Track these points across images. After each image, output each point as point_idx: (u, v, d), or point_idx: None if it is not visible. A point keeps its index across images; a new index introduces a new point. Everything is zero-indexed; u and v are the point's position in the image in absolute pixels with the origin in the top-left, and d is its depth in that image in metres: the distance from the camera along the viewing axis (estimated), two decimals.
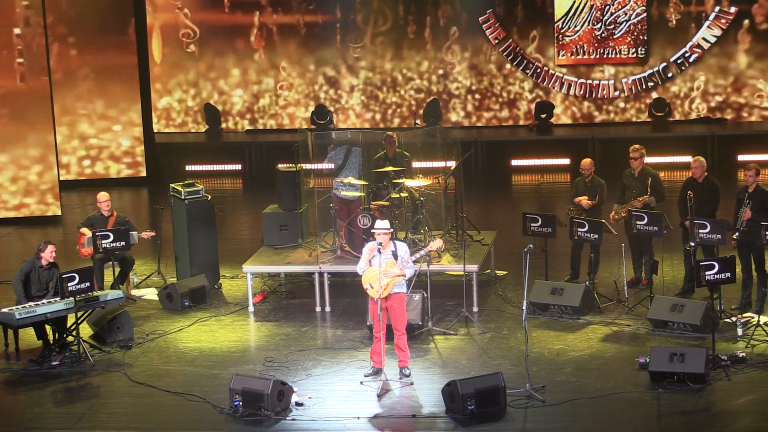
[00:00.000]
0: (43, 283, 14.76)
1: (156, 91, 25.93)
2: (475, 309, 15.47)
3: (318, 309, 15.81)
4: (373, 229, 13.36)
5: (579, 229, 15.57)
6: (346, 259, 15.83)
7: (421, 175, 16.64)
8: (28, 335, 14.69)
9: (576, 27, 25.07)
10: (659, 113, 25.03)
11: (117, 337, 14.83)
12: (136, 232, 16.46)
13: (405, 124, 25.59)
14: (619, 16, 24.90)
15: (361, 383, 13.18)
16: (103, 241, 16.02)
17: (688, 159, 16.63)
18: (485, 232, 16.98)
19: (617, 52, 25.05)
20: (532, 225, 15.94)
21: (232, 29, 26.09)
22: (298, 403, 12.59)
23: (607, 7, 24.90)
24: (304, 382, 13.25)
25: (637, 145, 16.13)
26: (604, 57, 25.13)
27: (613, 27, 24.96)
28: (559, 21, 25.10)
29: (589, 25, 25.03)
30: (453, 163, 16.83)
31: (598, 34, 25.02)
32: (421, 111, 25.51)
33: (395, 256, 13.02)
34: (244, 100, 26.25)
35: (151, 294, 16.79)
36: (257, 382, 12.51)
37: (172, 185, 17.09)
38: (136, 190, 23.86)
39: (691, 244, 14.98)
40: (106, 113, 24.00)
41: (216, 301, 16.37)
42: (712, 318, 14.01)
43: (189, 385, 13.38)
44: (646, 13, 24.85)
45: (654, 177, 15.87)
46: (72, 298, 14.15)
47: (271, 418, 12.30)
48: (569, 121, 25.61)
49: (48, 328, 14.46)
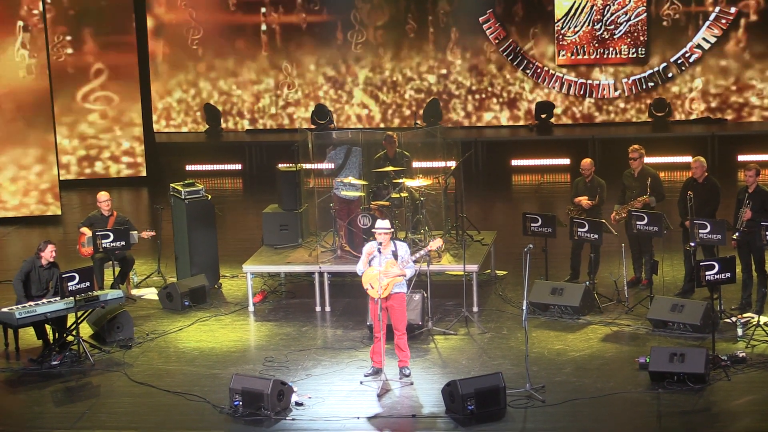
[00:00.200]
0: (43, 283, 14.75)
1: (156, 91, 25.94)
2: (475, 309, 15.46)
3: (318, 309, 15.81)
4: (373, 229, 13.35)
5: (579, 229, 15.57)
6: (346, 259, 15.83)
7: (421, 175, 16.63)
8: (28, 335, 14.68)
9: (576, 27, 25.06)
10: (659, 113, 25.02)
11: (117, 337, 14.82)
12: (136, 232, 16.45)
13: (405, 124, 25.59)
14: (620, 16, 24.90)
15: (361, 383, 13.17)
16: (103, 241, 16.02)
17: (689, 159, 16.61)
18: (485, 232, 16.97)
19: (617, 52, 25.04)
20: (532, 225, 15.93)
21: (234, 29, 26.08)
22: (298, 403, 12.58)
23: (608, 8, 24.90)
24: (304, 381, 13.24)
25: (636, 146, 16.11)
26: (604, 57, 25.12)
27: (613, 27, 24.95)
28: (559, 21, 25.10)
29: (589, 25, 25.02)
30: (453, 163, 16.82)
31: (598, 34, 25.02)
32: (421, 111, 25.50)
33: (395, 256, 13.01)
34: (244, 100, 26.25)
35: (151, 294, 16.78)
36: (257, 382, 12.50)
37: (172, 185, 17.08)
38: (136, 190, 23.85)
39: (692, 244, 14.97)
40: (106, 113, 24.01)
41: (216, 301, 16.36)
42: (712, 318, 14.00)
43: (189, 384, 13.37)
44: (646, 14, 24.85)
45: (654, 177, 15.86)
46: (72, 298, 14.14)
47: (271, 417, 12.29)
48: (569, 122, 25.61)
49: (48, 327, 14.46)
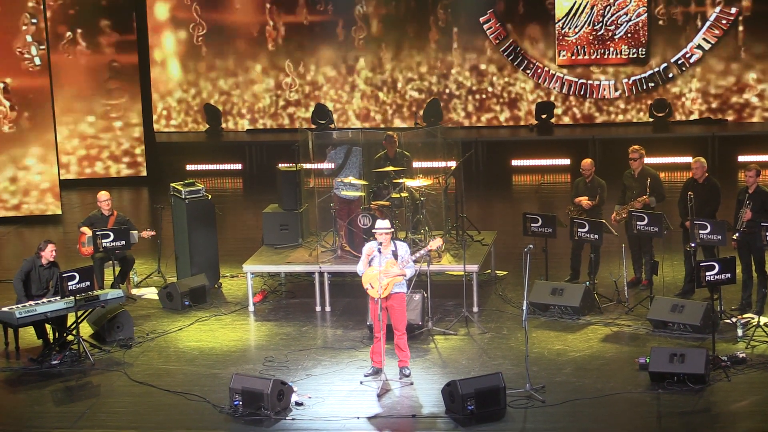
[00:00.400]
0: (43, 282, 14.75)
1: (157, 90, 25.95)
2: (475, 309, 15.46)
3: (318, 309, 15.81)
4: (373, 229, 13.35)
5: (579, 230, 15.57)
6: (346, 258, 15.82)
7: (421, 175, 16.63)
8: (29, 334, 14.68)
9: (576, 27, 25.06)
10: (660, 114, 25.02)
11: (117, 337, 14.82)
12: (137, 232, 16.46)
13: (405, 124, 25.59)
14: (620, 16, 24.90)
15: (361, 383, 13.16)
16: (104, 241, 16.03)
17: (689, 160, 16.61)
18: (485, 232, 16.97)
19: (618, 52, 25.04)
20: (533, 225, 15.93)
21: (235, 28, 26.10)
22: (298, 403, 12.58)
23: (608, 8, 24.89)
24: (304, 381, 13.24)
25: (636, 146, 16.11)
26: (605, 57, 25.13)
27: (613, 27, 24.95)
28: (559, 21, 25.10)
29: (589, 25, 25.02)
30: (453, 163, 16.82)
31: (599, 34, 25.02)
32: (422, 112, 25.50)
33: (395, 255, 13.01)
34: (245, 99, 26.26)
35: (151, 293, 16.78)
36: (257, 382, 12.50)
37: (172, 185, 17.08)
38: (136, 190, 23.86)
39: (692, 244, 14.97)
40: (106, 112, 24.01)
41: (216, 301, 16.36)
42: (712, 319, 13.99)
43: (189, 384, 13.37)
44: (646, 14, 24.85)
45: (654, 177, 15.86)
46: (72, 297, 14.14)
47: (270, 417, 12.29)
48: (570, 122, 25.61)
49: (48, 327, 14.46)
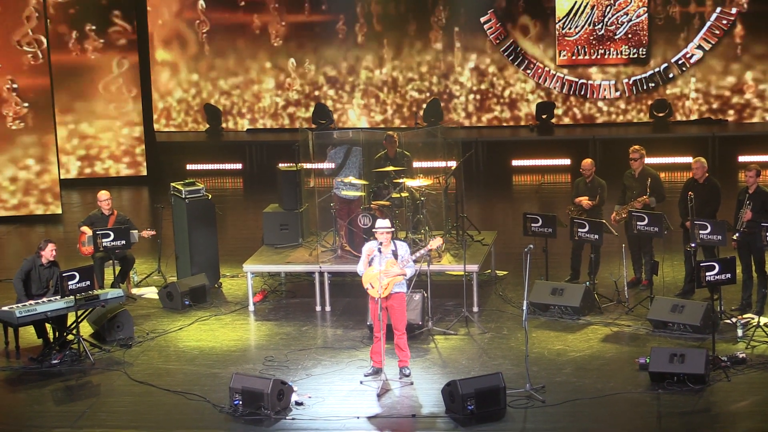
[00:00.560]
0: (43, 282, 14.76)
1: (157, 90, 25.95)
2: (475, 309, 15.46)
3: (318, 308, 15.81)
4: (374, 229, 13.34)
5: (579, 230, 15.56)
6: (347, 258, 15.82)
7: (421, 175, 16.63)
8: (29, 333, 14.68)
9: (577, 27, 25.06)
10: (660, 114, 25.02)
11: (117, 336, 14.82)
12: (137, 231, 16.46)
13: (406, 124, 25.59)
14: (620, 16, 24.90)
15: (361, 383, 13.16)
16: (104, 240, 16.03)
17: (689, 160, 16.60)
18: (486, 232, 16.97)
19: (618, 52, 25.04)
20: (533, 225, 15.93)
21: (236, 27, 26.09)
22: (298, 403, 12.58)
23: (608, 8, 24.89)
24: (304, 381, 13.23)
25: (637, 146, 16.11)
26: (605, 57, 25.13)
27: (614, 27, 24.95)
28: (560, 21, 25.10)
29: (590, 25, 25.02)
30: (454, 163, 16.82)
31: (600, 34, 25.02)
32: (422, 112, 25.50)
33: (395, 255, 13.01)
34: (245, 99, 26.26)
35: (151, 293, 16.78)
36: (257, 382, 12.50)
37: (172, 184, 17.08)
38: (136, 189, 23.86)
39: (692, 245, 14.97)
40: (106, 112, 24.02)
41: (216, 300, 16.36)
42: (712, 319, 13.99)
43: (189, 384, 13.37)
44: (647, 14, 24.85)
45: (654, 177, 15.86)
46: (72, 297, 14.14)
47: (270, 417, 12.29)
48: (570, 122, 25.61)
49: (48, 326, 14.46)
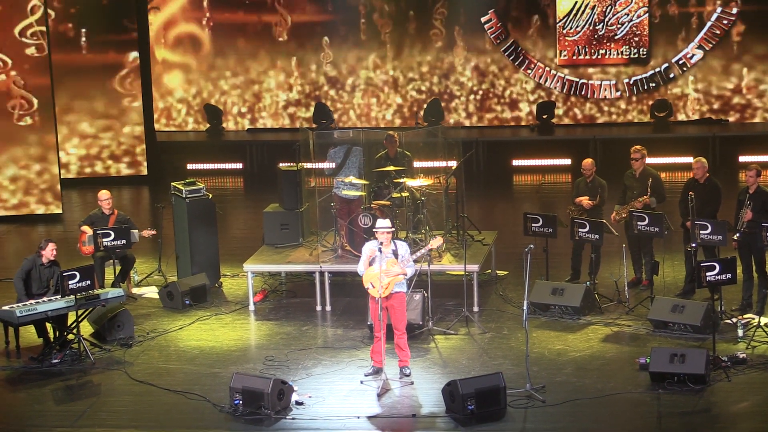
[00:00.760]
0: (44, 281, 14.76)
1: (158, 89, 25.96)
2: (475, 309, 15.46)
3: (318, 308, 15.81)
4: (374, 229, 13.34)
5: (580, 230, 15.56)
6: (347, 258, 15.82)
7: (422, 175, 16.64)
8: (29, 333, 14.68)
9: (578, 27, 25.06)
10: (660, 114, 25.02)
11: (117, 336, 14.82)
12: (137, 231, 16.46)
13: (406, 124, 25.59)
14: (621, 16, 24.90)
15: (362, 383, 13.16)
16: (104, 240, 16.04)
17: (690, 160, 16.60)
18: (486, 232, 16.97)
19: (618, 52, 25.04)
20: (533, 225, 15.93)
21: (236, 27, 26.09)
22: (299, 402, 12.58)
23: (609, 8, 24.89)
24: (304, 381, 13.23)
25: (638, 146, 16.11)
26: (606, 57, 25.12)
27: (615, 27, 24.95)
28: (560, 21, 25.10)
29: (590, 25, 25.02)
30: (454, 163, 16.82)
31: (600, 34, 25.02)
32: (422, 112, 25.50)
33: (396, 255, 13.01)
34: (245, 99, 26.27)
35: (151, 292, 16.78)
36: (257, 381, 12.50)
37: (173, 184, 17.09)
38: (137, 189, 23.86)
39: (692, 245, 14.97)
40: (107, 111, 24.02)
41: (216, 300, 16.36)
42: (712, 319, 13.99)
43: (189, 383, 13.37)
44: (647, 14, 24.85)
45: (655, 178, 15.86)
46: (73, 296, 14.14)
47: (271, 417, 12.29)
48: (570, 122, 25.61)
49: (48, 326, 14.47)
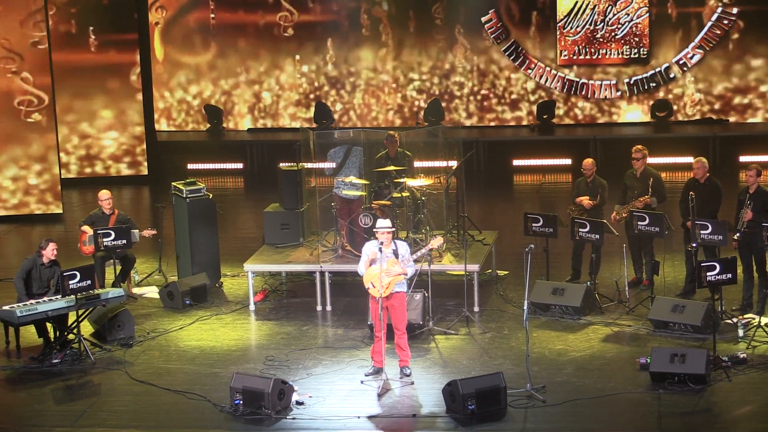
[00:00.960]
0: (44, 281, 14.76)
1: (158, 89, 25.95)
2: (476, 309, 15.46)
3: (319, 308, 15.81)
4: (375, 228, 13.34)
5: (580, 230, 15.56)
6: (347, 258, 15.82)
7: (422, 175, 16.64)
8: (29, 333, 14.68)
9: (578, 27, 25.06)
10: (661, 114, 25.01)
11: (118, 335, 14.83)
12: (138, 231, 16.46)
13: (406, 124, 25.58)
14: (622, 16, 24.89)
15: (362, 382, 13.16)
16: (105, 239, 16.04)
17: (690, 160, 16.60)
18: (486, 232, 16.97)
19: (619, 52, 25.03)
20: (534, 225, 15.93)
21: (237, 27, 26.09)
22: (299, 402, 12.58)
23: (610, 8, 24.89)
24: (304, 381, 13.24)
25: (639, 146, 16.12)
26: (606, 57, 25.12)
27: (615, 27, 24.94)
28: (561, 21, 25.09)
29: (591, 25, 25.02)
30: (455, 163, 16.82)
31: (601, 34, 25.01)
32: (422, 113, 25.49)
33: (396, 255, 13.01)
34: (245, 99, 26.26)
35: (152, 292, 16.78)
36: (258, 381, 12.50)
37: (173, 184, 17.09)
38: (137, 189, 23.86)
39: (693, 245, 14.96)
40: (107, 111, 24.01)
41: (217, 300, 16.36)
42: (713, 319, 13.99)
43: (190, 383, 13.37)
44: (648, 14, 24.85)
45: (655, 177, 15.85)
46: (73, 296, 14.15)
47: (271, 416, 12.29)
48: (571, 122, 25.60)
49: (49, 325, 14.47)
